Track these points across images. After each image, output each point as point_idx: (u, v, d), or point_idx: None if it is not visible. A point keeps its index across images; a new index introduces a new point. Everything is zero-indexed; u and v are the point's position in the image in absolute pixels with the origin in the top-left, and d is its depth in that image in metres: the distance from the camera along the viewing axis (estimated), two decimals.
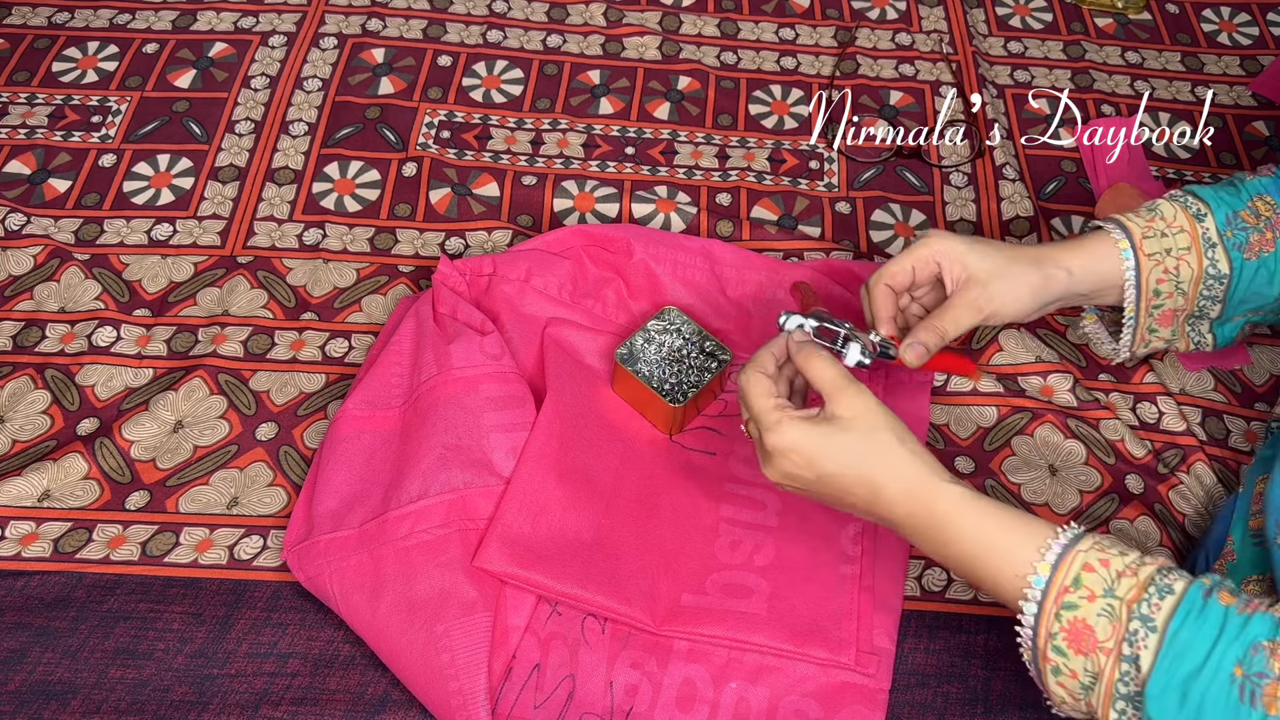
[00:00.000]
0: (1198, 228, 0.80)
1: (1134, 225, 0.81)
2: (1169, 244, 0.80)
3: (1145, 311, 0.82)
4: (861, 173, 1.09)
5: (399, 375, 0.88)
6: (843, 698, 0.76)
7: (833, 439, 0.69)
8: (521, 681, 0.76)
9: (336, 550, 0.79)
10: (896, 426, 0.69)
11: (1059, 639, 0.61)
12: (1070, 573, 0.61)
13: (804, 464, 0.69)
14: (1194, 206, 0.81)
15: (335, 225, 1.03)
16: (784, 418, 0.70)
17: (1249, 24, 1.25)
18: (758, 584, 0.81)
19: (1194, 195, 0.82)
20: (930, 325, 0.78)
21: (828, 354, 0.72)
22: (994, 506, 0.66)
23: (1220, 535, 0.80)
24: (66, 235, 1.01)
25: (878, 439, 0.68)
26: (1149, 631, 0.59)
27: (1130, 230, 0.81)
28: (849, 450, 0.68)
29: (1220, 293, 0.81)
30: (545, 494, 0.81)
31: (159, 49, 1.16)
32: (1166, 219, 0.81)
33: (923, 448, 0.69)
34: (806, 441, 0.69)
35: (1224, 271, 0.80)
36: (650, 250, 0.95)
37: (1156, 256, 0.80)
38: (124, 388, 0.92)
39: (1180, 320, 0.83)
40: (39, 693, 0.76)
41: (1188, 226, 0.80)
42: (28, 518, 0.84)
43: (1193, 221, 0.80)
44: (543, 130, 1.11)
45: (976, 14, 1.25)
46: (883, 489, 0.68)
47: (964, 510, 0.66)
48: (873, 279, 0.80)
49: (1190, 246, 0.80)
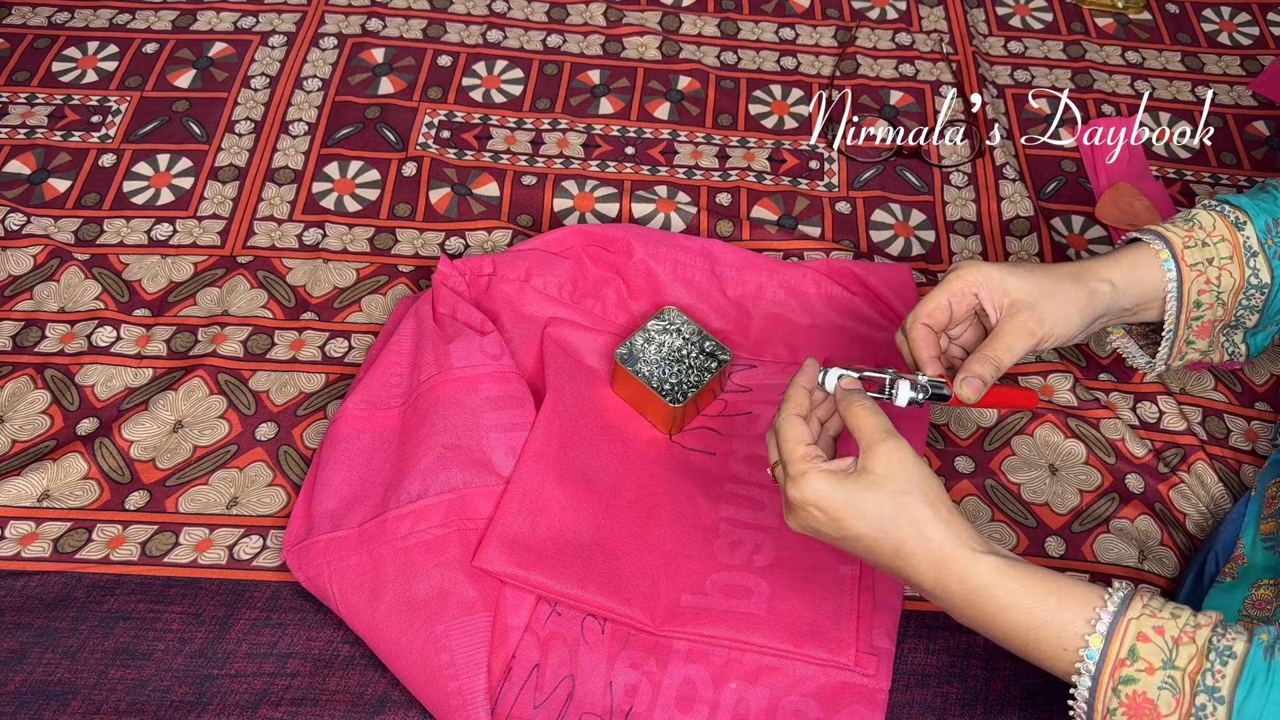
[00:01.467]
0: (1238, 236, 0.77)
1: (1174, 235, 0.77)
2: (1210, 254, 0.77)
3: (1185, 323, 0.78)
4: (861, 173, 1.09)
5: (399, 375, 0.88)
6: (842, 698, 0.76)
7: (859, 497, 0.64)
8: (521, 681, 0.76)
9: (336, 550, 0.79)
10: (930, 489, 0.64)
11: (1119, 715, 0.58)
12: (1125, 644, 0.59)
13: (828, 521, 0.65)
14: (1232, 215, 0.78)
15: (335, 225, 1.03)
16: (810, 469, 0.65)
17: (1249, 24, 1.25)
18: (757, 584, 0.81)
19: (1230, 203, 0.79)
20: (983, 356, 0.73)
21: (874, 403, 0.67)
22: (1031, 575, 0.62)
23: (1230, 538, 0.80)
24: (66, 235, 1.01)
25: (906, 502, 0.63)
26: (1216, 704, 0.56)
27: (1170, 240, 0.77)
28: (876, 511, 0.64)
29: (1260, 302, 0.78)
30: (545, 494, 0.81)
31: (159, 49, 1.16)
32: (1206, 228, 0.77)
33: (957, 513, 0.64)
34: (832, 497, 0.64)
35: (1265, 281, 0.77)
36: (650, 250, 0.95)
37: (1199, 267, 0.77)
38: (124, 388, 0.91)
39: (1217, 330, 0.80)
40: (39, 693, 0.76)
41: (1229, 235, 0.77)
42: (27, 518, 0.84)
43: (1233, 230, 0.77)
44: (543, 130, 1.11)
45: (976, 14, 1.24)
46: (910, 556, 0.63)
47: (1000, 583, 0.62)
48: (909, 320, 0.75)
49: (1232, 256, 0.77)
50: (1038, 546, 0.85)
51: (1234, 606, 0.74)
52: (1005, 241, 1.03)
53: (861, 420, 0.66)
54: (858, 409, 0.67)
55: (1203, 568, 0.80)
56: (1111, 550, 0.84)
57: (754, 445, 0.89)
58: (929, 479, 0.65)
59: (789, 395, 0.70)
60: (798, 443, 0.67)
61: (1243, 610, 0.73)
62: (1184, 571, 0.83)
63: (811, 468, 0.65)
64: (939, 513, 0.63)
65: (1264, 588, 0.74)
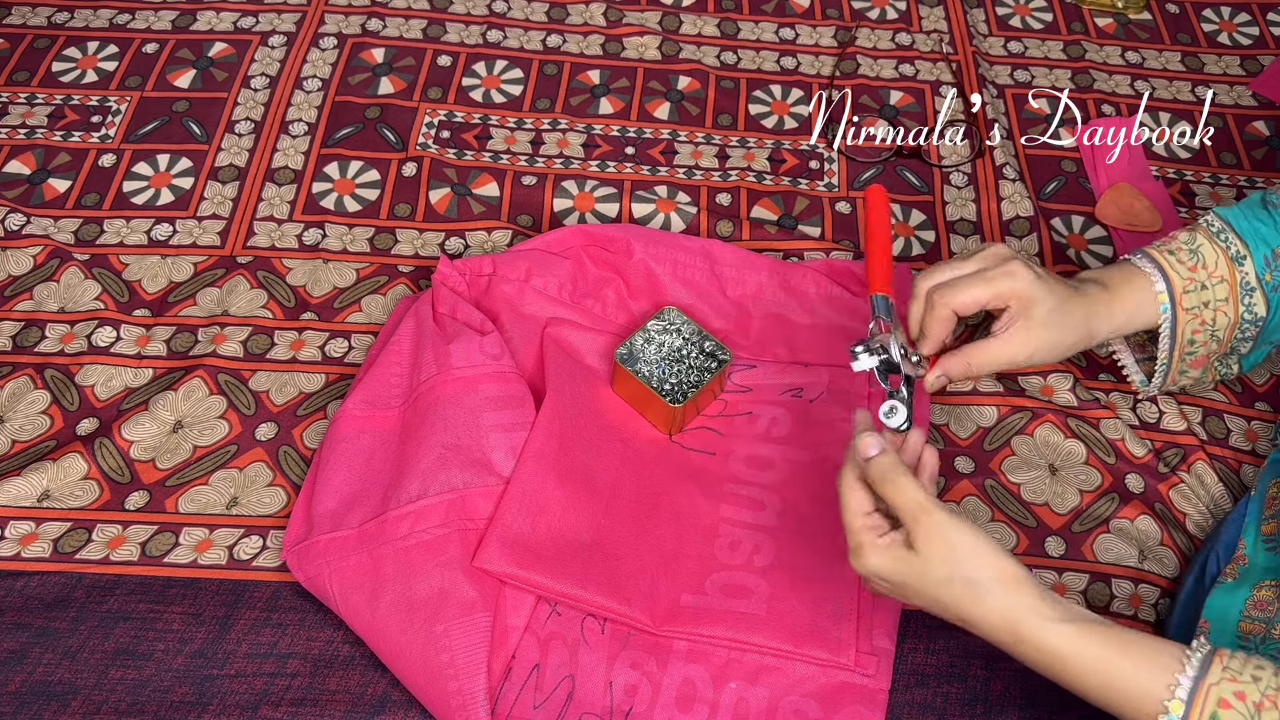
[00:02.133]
0: (1236, 274, 0.78)
1: (1176, 275, 0.78)
2: (1208, 296, 0.78)
3: (1178, 358, 0.80)
4: (861, 173, 1.09)
5: (399, 375, 0.88)
6: (842, 698, 0.76)
7: (916, 572, 0.65)
8: (521, 682, 0.76)
9: (336, 550, 0.79)
10: (983, 560, 0.64)
11: None
12: (1206, 711, 0.58)
13: (892, 588, 0.68)
14: (1233, 247, 0.78)
15: (335, 225, 1.03)
16: (866, 543, 0.66)
17: (1249, 24, 1.25)
18: (757, 584, 0.81)
19: (1233, 231, 0.79)
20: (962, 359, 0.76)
21: (908, 478, 0.67)
22: (1106, 638, 0.62)
23: (1231, 539, 0.80)
24: (66, 235, 1.01)
25: (964, 578, 0.64)
26: None
27: (1172, 281, 0.78)
28: (934, 585, 0.65)
29: (1254, 333, 0.79)
30: (545, 494, 0.81)
31: (159, 49, 1.16)
32: (1209, 266, 0.78)
33: (1021, 575, 0.64)
34: (889, 571, 0.66)
35: (1261, 315, 0.78)
36: (650, 250, 0.95)
37: (1195, 310, 0.78)
38: (124, 388, 0.91)
39: (1211, 361, 0.82)
40: (39, 693, 0.76)
41: (1227, 275, 0.78)
42: (27, 518, 0.84)
43: (1232, 267, 0.78)
44: (543, 130, 1.11)
45: (976, 14, 1.24)
46: (979, 624, 0.65)
47: (1076, 650, 0.62)
48: (940, 299, 0.76)
49: (1228, 297, 0.78)
50: (1038, 546, 0.85)
51: (1235, 607, 0.74)
52: (1005, 241, 1.03)
53: (898, 497, 0.66)
54: (887, 486, 0.67)
55: (1204, 568, 0.80)
56: (1111, 550, 0.84)
57: (754, 445, 0.89)
58: (978, 547, 0.64)
59: (850, 456, 0.70)
60: (856, 513, 0.68)
61: (1244, 611, 0.73)
62: (1184, 571, 0.83)
63: (868, 541, 0.67)
64: (1002, 585, 0.63)
65: (1265, 589, 0.74)
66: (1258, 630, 0.72)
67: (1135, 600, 0.82)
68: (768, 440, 0.89)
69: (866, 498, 0.68)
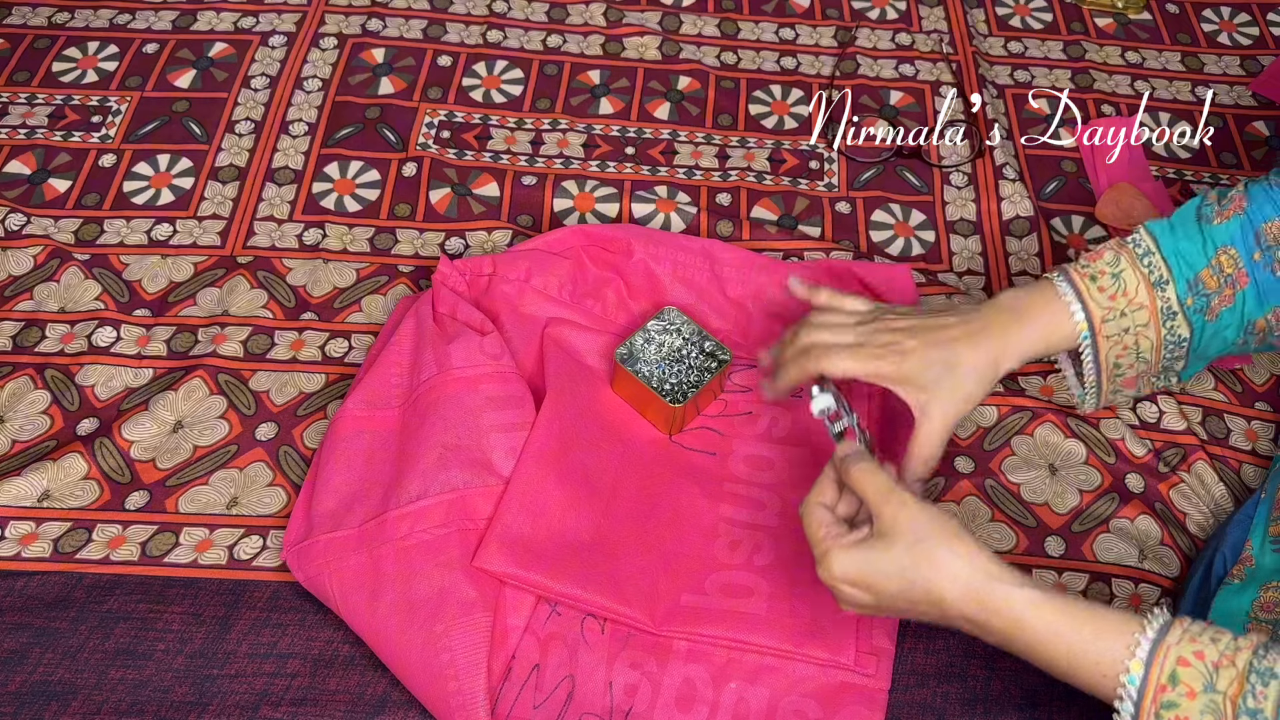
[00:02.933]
0: (1158, 300, 0.76)
1: (1095, 305, 0.76)
2: (1127, 323, 0.76)
3: (1107, 380, 0.79)
4: (861, 173, 1.09)
5: (399, 375, 0.88)
6: (842, 698, 0.76)
7: (877, 559, 0.66)
8: (521, 681, 0.76)
9: (336, 550, 0.79)
10: (943, 530, 0.65)
11: None
12: (1165, 669, 0.59)
13: (861, 590, 0.67)
14: (1156, 272, 0.76)
15: (335, 225, 1.03)
16: (831, 548, 0.67)
17: (1249, 24, 1.25)
18: (757, 584, 0.81)
19: (1159, 253, 0.77)
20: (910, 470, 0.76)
21: (873, 464, 0.69)
22: (1069, 605, 0.63)
23: (1239, 540, 0.80)
24: (66, 235, 1.01)
25: (922, 549, 0.65)
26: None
27: (1090, 310, 0.76)
28: (897, 566, 0.65)
29: (1182, 353, 0.78)
30: (545, 494, 0.81)
31: (159, 49, 1.16)
32: (1129, 294, 0.76)
33: (982, 548, 0.65)
34: (854, 567, 0.66)
35: (1184, 336, 0.77)
36: (650, 250, 0.95)
37: (1115, 337, 0.77)
38: (124, 388, 0.91)
39: (1145, 379, 0.81)
40: (39, 693, 0.76)
41: (1147, 302, 0.76)
42: (27, 518, 0.84)
43: (1153, 293, 0.76)
44: (543, 130, 1.11)
45: (976, 14, 1.25)
46: (944, 596, 0.65)
47: (1039, 615, 0.63)
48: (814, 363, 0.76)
49: (1149, 322, 0.76)
50: (1038, 546, 0.85)
51: (1242, 609, 0.74)
52: (1005, 241, 1.04)
53: (864, 484, 0.68)
54: (857, 473, 0.68)
55: (1209, 569, 0.80)
56: (1111, 550, 0.84)
57: (754, 445, 0.89)
58: (940, 521, 0.65)
59: (816, 484, 0.72)
60: (818, 527, 0.69)
61: (1251, 613, 0.73)
62: (1187, 571, 0.83)
63: (832, 545, 0.67)
64: (959, 550, 0.64)
65: (1272, 590, 0.73)
66: (1264, 632, 0.72)
67: (1135, 600, 0.82)
68: (768, 440, 0.89)
69: (828, 514, 0.70)
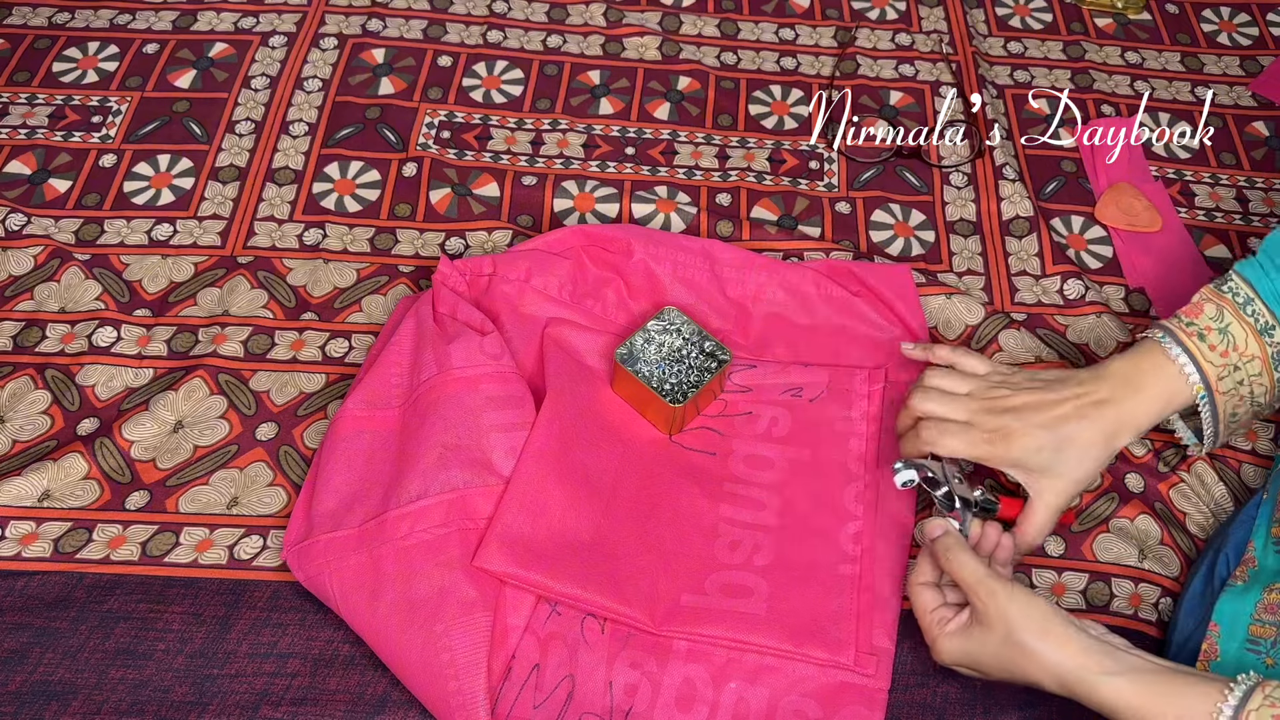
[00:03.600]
0: (1268, 348, 0.78)
1: (1209, 364, 0.78)
2: (1242, 375, 0.79)
3: (1224, 429, 0.81)
4: (861, 173, 1.09)
5: (399, 375, 0.88)
6: (842, 698, 0.76)
7: (980, 647, 0.70)
8: (521, 681, 0.76)
9: (336, 550, 0.79)
10: (1032, 623, 0.68)
11: None
12: None
13: (971, 669, 0.73)
14: (1261, 319, 0.78)
15: (335, 225, 1.03)
16: (939, 635, 0.73)
17: (1249, 24, 1.25)
18: (757, 584, 0.81)
19: (1259, 299, 0.78)
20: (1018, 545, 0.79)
21: (968, 554, 0.72)
22: (1153, 683, 0.65)
23: (1241, 540, 0.80)
24: (67, 235, 1.01)
25: (1015, 643, 0.68)
26: None
27: (1205, 370, 0.78)
28: (996, 656, 0.70)
29: None
30: (545, 494, 0.81)
31: (159, 49, 1.16)
32: (1239, 347, 0.78)
33: (1071, 632, 0.68)
34: (962, 654, 0.72)
35: None
36: (650, 250, 0.95)
37: (1230, 391, 0.79)
38: (124, 388, 0.92)
39: (1259, 416, 0.83)
40: (40, 693, 0.76)
41: (1259, 352, 0.78)
42: (28, 518, 0.84)
43: (1261, 342, 0.78)
44: (543, 130, 1.11)
45: (976, 14, 1.25)
46: (1043, 684, 0.68)
47: (1123, 699, 0.65)
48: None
49: (1262, 371, 0.79)
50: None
51: (1246, 611, 0.74)
52: (1005, 242, 1.04)
53: (955, 572, 0.72)
54: (947, 561, 0.73)
55: (1212, 570, 0.80)
56: (1111, 549, 0.84)
57: (754, 445, 0.89)
58: (1028, 611, 0.69)
59: (917, 563, 0.77)
60: (924, 612, 0.74)
61: (1254, 615, 0.73)
62: (1187, 571, 0.83)
63: (940, 634, 0.73)
64: (1049, 643, 0.67)
65: (1276, 592, 0.73)
66: (1268, 634, 0.72)
67: (1135, 599, 0.82)
68: (768, 440, 0.89)
69: (934, 596, 0.74)
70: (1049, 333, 0.97)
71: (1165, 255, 1.03)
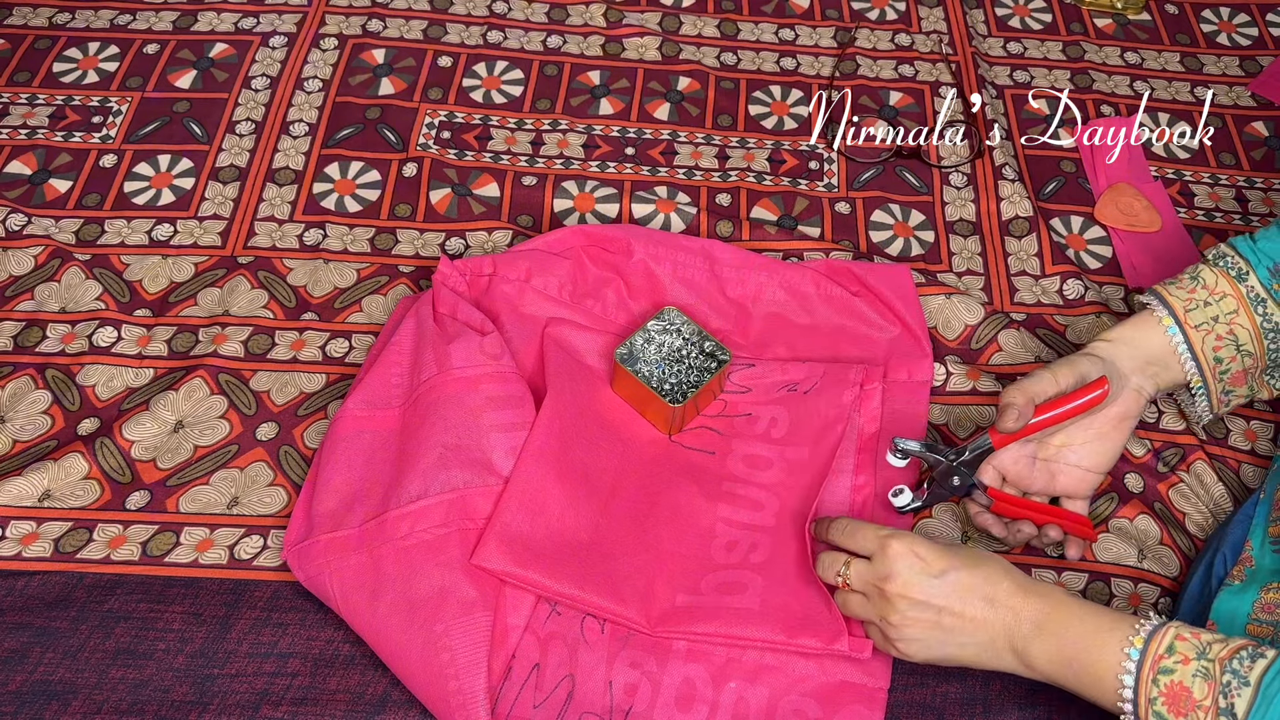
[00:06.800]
0: (1240, 288, 0.81)
1: (1175, 299, 0.82)
2: (1214, 311, 0.81)
3: (1214, 378, 0.82)
4: (861, 173, 1.09)
5: (399, 375, 0.88)
6: (842, 697, 0.76)
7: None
8: (521, 681, 0.76)
9: (336, 550, 0.79)
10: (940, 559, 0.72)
11: (1158, 704, 0.64)
12: (1164, 643, 0.65)
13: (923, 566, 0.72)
14: (1234, 267, 0.81)
15: (335, 225, 1.03)
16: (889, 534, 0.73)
17: (1248, 24, 1.25)
18: (751, 580, 0.81)
19: (1235, 252, 0.82)
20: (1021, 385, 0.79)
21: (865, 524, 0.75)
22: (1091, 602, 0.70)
23: (1239, 540, 0.80)
24: (67, 235, 1.01)
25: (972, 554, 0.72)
26: (1242, 685, 0.62)
27: (1172, 305, 0.81)
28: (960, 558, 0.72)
29: None
30: (544, 493, 0.81)
31: (159, 49, 1.16)
32: (1209, 286, 0.81)
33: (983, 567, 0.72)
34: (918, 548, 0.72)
35: (1279, 323, 0.80)
36: (650, 250, 0.95)
37: (1205, 326, 0.81)
38: (124, 388, 0.92)
39: (1256, 375, 0.83)
40: (40, 693, 0.76)
41: (1230, 290, 0.81)
42: (28, 518, 0.84)
43: (1234, 283, 0.81)
44: (543, 131, 1.12)
45: (976, 14, 1.25)
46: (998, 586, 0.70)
47: (1072, 597, 0.70)
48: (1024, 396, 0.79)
49: (1238, 308, 0.80)
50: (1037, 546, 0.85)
51: (1243, 610, 0.74)
52: (1004, 242, 1.04)
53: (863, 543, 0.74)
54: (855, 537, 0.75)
55: (1210, 569, 0.80)
56: (1111, 550, 0.84)
57: (753, 445, 0.89)
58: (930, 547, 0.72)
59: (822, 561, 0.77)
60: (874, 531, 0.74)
61: (1251, 614, 0.73)
62: (1186, 571, 0.83)
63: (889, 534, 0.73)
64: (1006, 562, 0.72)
65: (1273, 591, 0.74)
66: (1266, 633, 0.72)
67: (1135, 599, 0.82)
68: (767, 440, 0.89)
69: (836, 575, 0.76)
70: (1048, 333, 0.97)
71: (1165, 255, 1.03)
